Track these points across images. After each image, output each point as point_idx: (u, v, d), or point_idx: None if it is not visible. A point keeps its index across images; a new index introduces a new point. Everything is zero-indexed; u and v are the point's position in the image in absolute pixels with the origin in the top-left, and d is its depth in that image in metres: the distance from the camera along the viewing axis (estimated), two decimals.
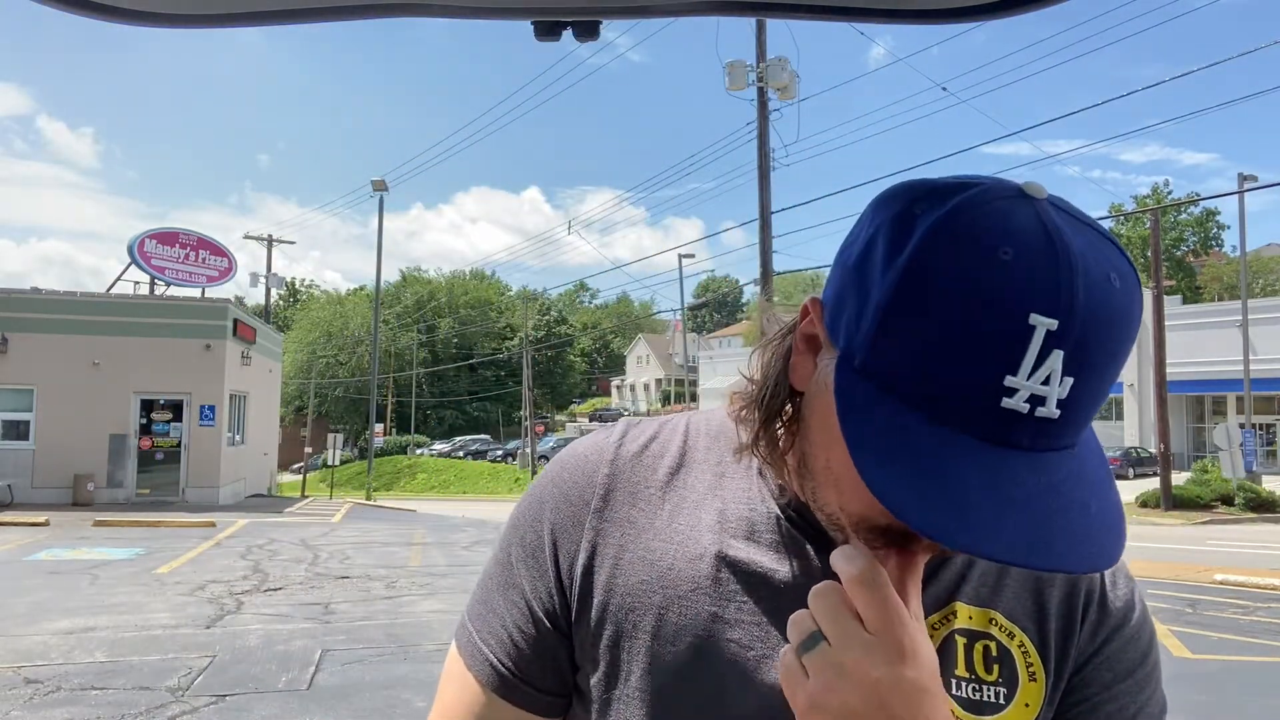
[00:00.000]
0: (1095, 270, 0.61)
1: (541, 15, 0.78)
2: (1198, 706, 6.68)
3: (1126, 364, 0.67)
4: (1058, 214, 0.63)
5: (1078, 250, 0.61)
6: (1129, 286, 0.62)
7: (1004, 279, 0.60)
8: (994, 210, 0.63)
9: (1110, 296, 0.61)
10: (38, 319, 21.84)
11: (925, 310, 0.61)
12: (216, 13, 0.81)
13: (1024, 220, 0.62)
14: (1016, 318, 0.59)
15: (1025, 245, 0.60)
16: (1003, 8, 0.78)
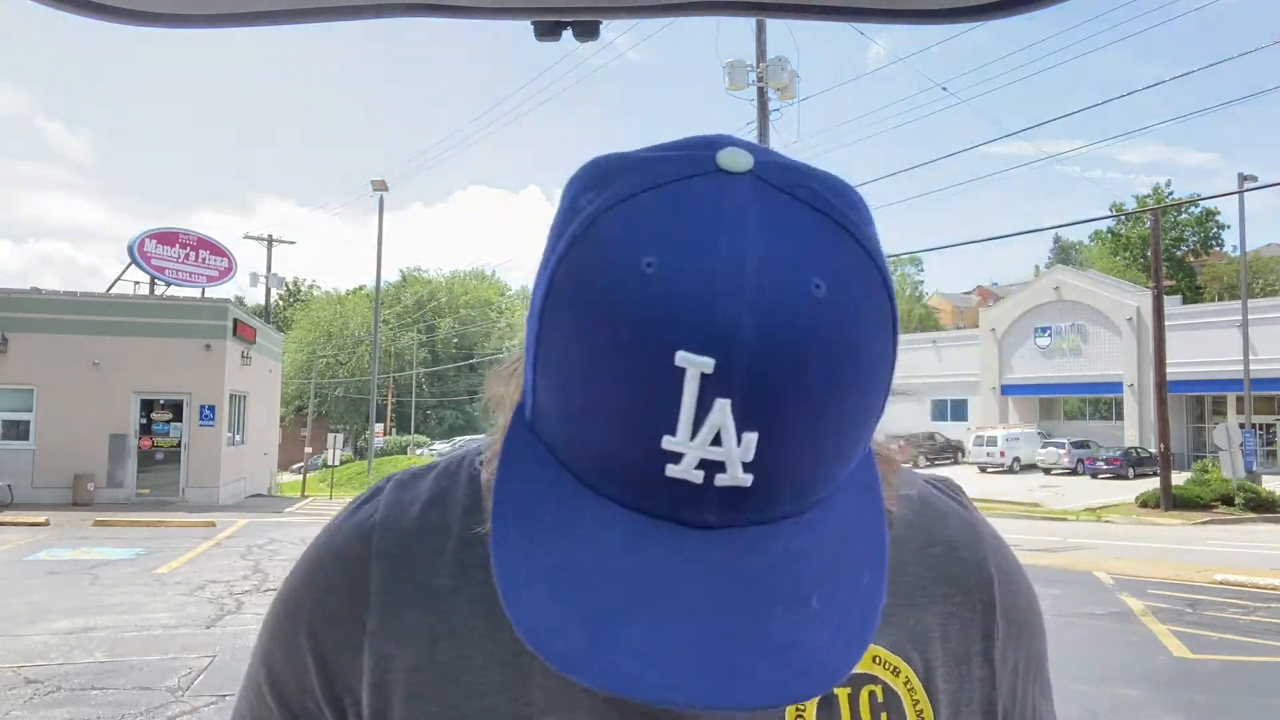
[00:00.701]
0: (781, 278, 0.45)
1: (541, 15, 0.78)
2: (1198, 706, 6.68)
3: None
4: (759, 193, 0.48)
5: (756, 250, 0.45)
6: (846, 295, 0.47)
7: (642, 302, 0.45)
8: (660, 198, 0.48)
9: (803, 314, 0.45)
10: (38, 319, 21.84)
11: (565, 348, 0.48)
12: (216, 13, 0.81)
13: (696, 209, 0.47)
14: (658, 357, 0.44)
15: (678, 249, 0.45)
16: (1003, 8, 0.78)
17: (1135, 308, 39.59)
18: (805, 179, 0.50)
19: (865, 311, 0.48)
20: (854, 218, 0.50)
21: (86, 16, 0.78)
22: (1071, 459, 37.55)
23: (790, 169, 0.51)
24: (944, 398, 48.78)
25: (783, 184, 0.49)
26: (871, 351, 0.48)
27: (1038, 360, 44.50)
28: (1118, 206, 66.28)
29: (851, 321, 0.47)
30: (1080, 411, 45.72)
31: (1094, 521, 24.10)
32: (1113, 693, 6.94)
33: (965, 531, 0.73)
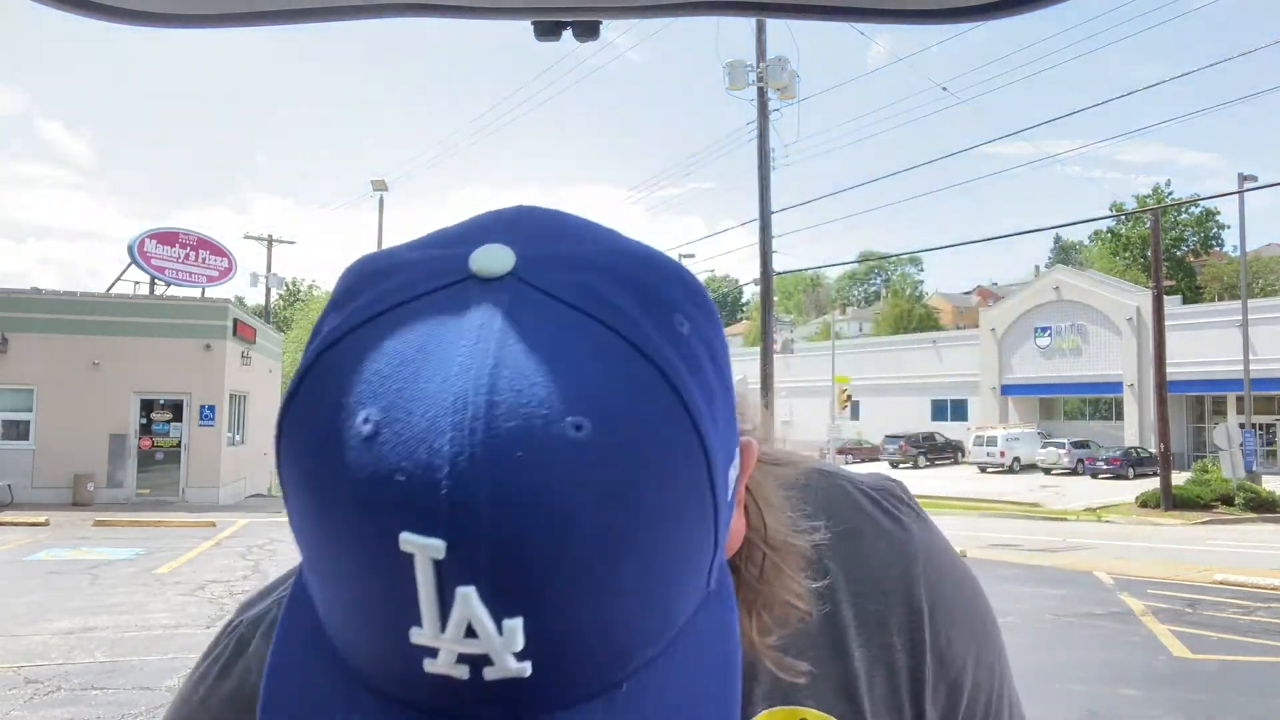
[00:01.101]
0: (524, 423, 0.35)
1: (541, 15, 0.78)
2: (1198, 706, 6.68)
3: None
4: (515, 304, 0.38)
5: (492, 391, 0.35)
6: (618, 430, 0.36)
7: (359, 473, 0.36)
8: (391, 326, 0.38)
9: (556, 466, 0.35)
10: (38, 319, 21.84)
11: (298, 514, 0.40)
12: (216, 13, 0.81)
13: (426, 341, 0.37)
14: (383, 541, 0.35)
15: (400, 400, 0.36)
16: (1003, 8, 0.78)
17: (1135, 308, 39.60)
18: (580, 273, 0.40)
19: (649, 446, 0.37)
20: (640, 318, 0.39)
21: (86, 16, 0.78)
22: (1071, 459, 37.56)
23: (562, 262, 0.41)
24: (944, 398, 48.79)
25: (549, 285, 0.39)
26: (664, 493, 0.37)
27: (1038, 360, 44.51)
28: (1117, 206, 66.26)
29: (628, 463, 0.36)
30: (1080, 411, 45.74)
31: (1094, 521, 24.11)
32: (1113, 693, 6.94)
33: (894, 559, 0.68)
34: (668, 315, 0.41)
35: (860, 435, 47.94)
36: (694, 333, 0.42)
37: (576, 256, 0.41)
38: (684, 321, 0.41)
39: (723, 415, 0.42)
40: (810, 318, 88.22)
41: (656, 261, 0.44)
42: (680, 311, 0.42)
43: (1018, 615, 9.92)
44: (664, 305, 0.41)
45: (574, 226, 0.46)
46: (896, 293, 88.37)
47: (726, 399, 0.43)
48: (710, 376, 0.42)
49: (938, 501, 29.78)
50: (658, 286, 0.42)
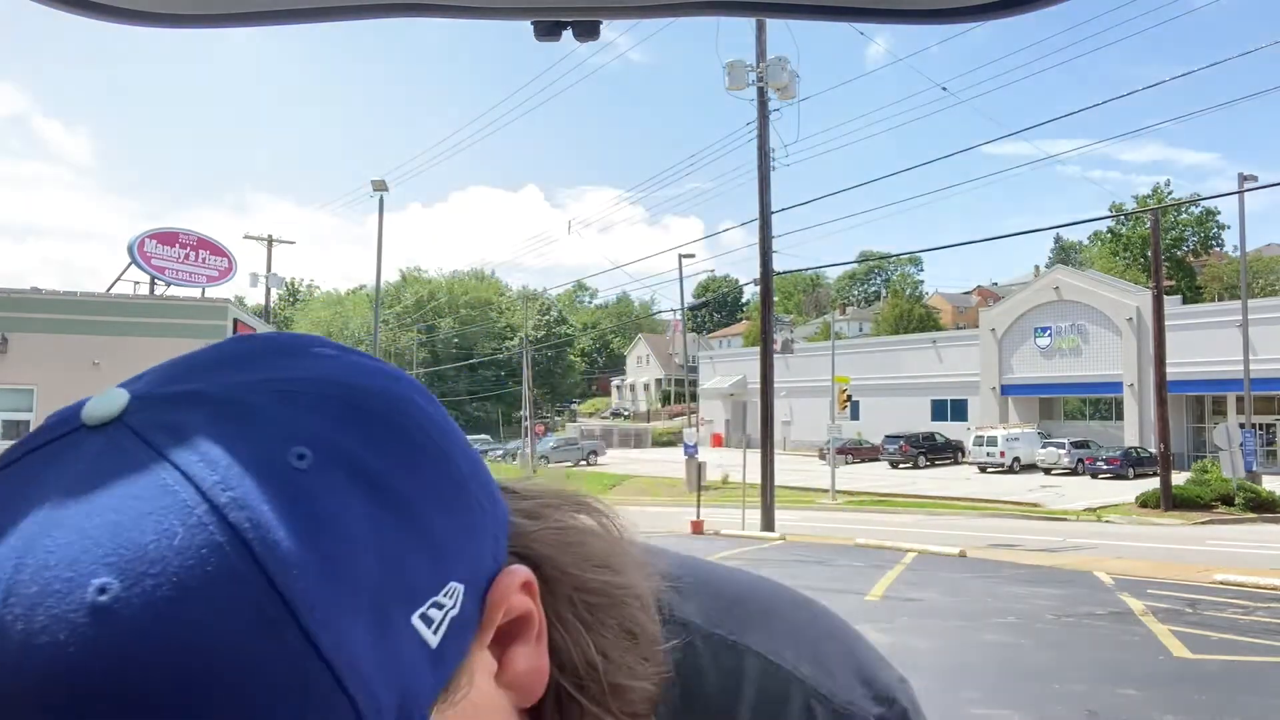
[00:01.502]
0: (42, 589, 0.32)
1: (541, 15, 0.78)
2: (1198, 706, 6.68)
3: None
4: (100, 458, 0.36)
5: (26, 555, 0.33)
6: (160, 588, 0.32)
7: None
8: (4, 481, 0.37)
9: (66, 635, 0.31)
10: (38, 319, 21.86)
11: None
12: (216, 13, 0.81)
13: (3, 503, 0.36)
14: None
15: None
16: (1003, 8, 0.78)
17: (1135, 308, 39.60)
18: (186, 410, 0.37)
19: (194, 609, 0.32)
20: (232, 456, 0.35)
21: (86, 16, 0.78)
22: (1071, 459, 37.56)
23: (178, 400, 0.38)
24: (944, 398, 48.79)
25: (146, 428, 0.37)
26: (226, 666, 0.32)
27: (1038, 360, 44.51)
28: (1117, 207, 66.30)
29: (168, 630, 0.31)
30: (1080, 411, 45.73)
31: (1094, 521, 24.11)
32: (1113, 693, 6.94)
33: None
34: (279, 450, 0.36)
35: (860, 435, 47.94)
36: (325, 465, 0.37)
37: (193, 395, 0.38)
38: (306, 455, 0.37)
39: (386, 558, 0.37)
40: (810, 318, 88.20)
41: (300, 387, 0.40)
42: (306, 442, 0.37)
43: (1018, 615, 9.92)
44: (277, 438, 0.37)
45: (241, 356, 0.42)
46: (896, 293, 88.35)
47: (405, 538, 0.38)
48: (348, 517, 0.36)
49: (938, 501, 29.78)
50: (281, 418, 0.38)
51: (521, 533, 0.49)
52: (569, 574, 0.50)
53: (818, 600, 0.65)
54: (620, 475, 40.90)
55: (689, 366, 61.10)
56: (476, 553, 0.43)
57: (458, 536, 0.41)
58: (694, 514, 20.45)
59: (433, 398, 0.46)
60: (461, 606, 0.41)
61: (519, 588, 0.45)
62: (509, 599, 0.44)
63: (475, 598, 0.42)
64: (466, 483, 0.43)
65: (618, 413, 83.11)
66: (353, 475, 0.37)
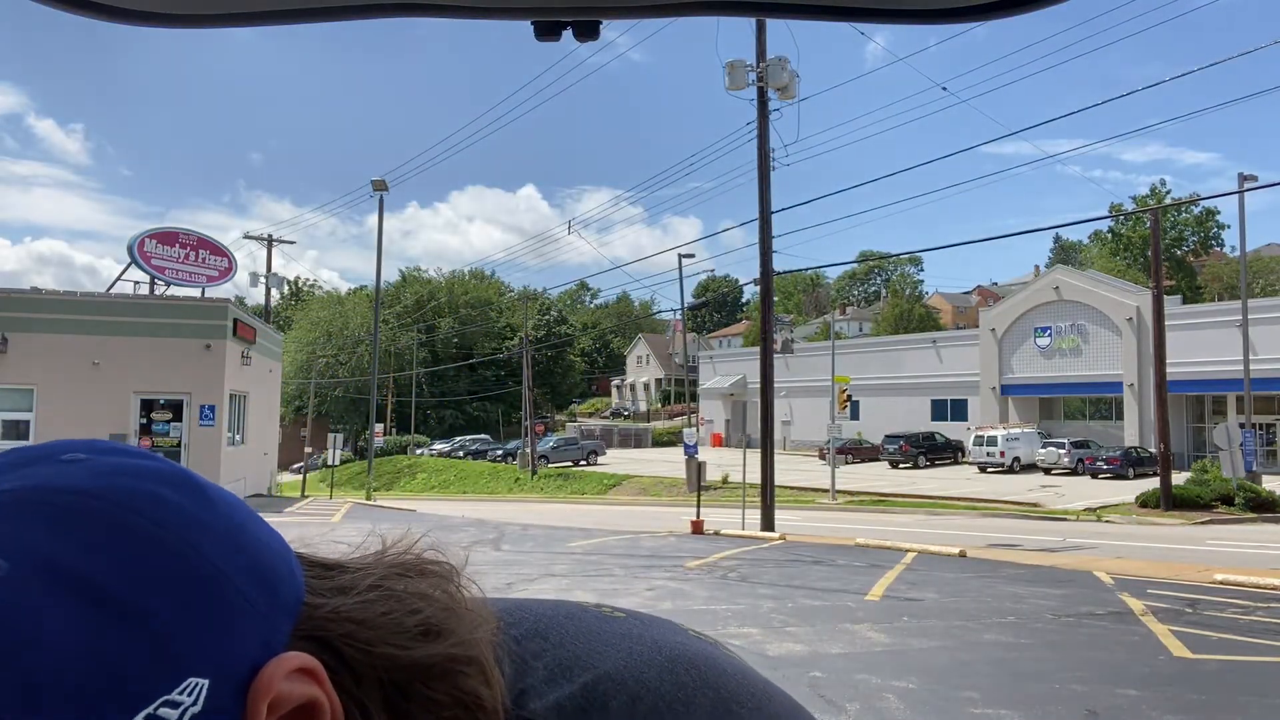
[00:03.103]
0: None
1: (541, 15, 0.78)
2: (1198, 706, 6.68)
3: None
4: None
5: None
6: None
7: None
8: None
9: None
10: (38, 319, 21.85)
11: None
12: (216, 13, 0.81)
13: None
14: None
15: None
16: (1003, 8, 0.78)
17: (1135, 308, 39.60)
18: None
19: None
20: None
21: (86, 16, 0.78)
22: (1071, 459, 37.56)
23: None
24: (944, 398, 48.79)
25: None
26: None
27: (1038, 360, 44.51)
28: (1116, 207, 66.27)
29: None
30: (1080, 411, 45.73)
31: (1094, 521, 24.11)
32: (1113, 693, 6.94)
33: None
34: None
35: (860, 435, 47.94)
36: (24, 571, 0.38)
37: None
38: (2, 564, 0.38)
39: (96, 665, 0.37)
40: (810, 318, 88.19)
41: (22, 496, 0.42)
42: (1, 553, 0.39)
43: (1018, 615, 9.92)
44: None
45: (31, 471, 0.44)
46: (896, 293, 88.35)
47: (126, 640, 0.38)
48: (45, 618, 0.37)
49: (937, 501, 29.78)
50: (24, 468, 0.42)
51: (316, 615, 0.47)
52: (376, 652, 0.47)
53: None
54: (620, 475, 40.87)
55: (689, 366, 61.10)
56: (228, 646, 0.41)
57: (198, 632, 0.40)
58: (694, 514, 20.46)
59: (200, 490, 0.46)
60: (204, 702, 0.39)
61: (289, 674, 0.43)
62: (273, 689, 0.42)
63: (229, 692, 0.41)
64: (216, 576, 0.42)
65: (618, 413, 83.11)
66: (55, 580, 0.38)
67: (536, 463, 45.70)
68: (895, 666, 7.45)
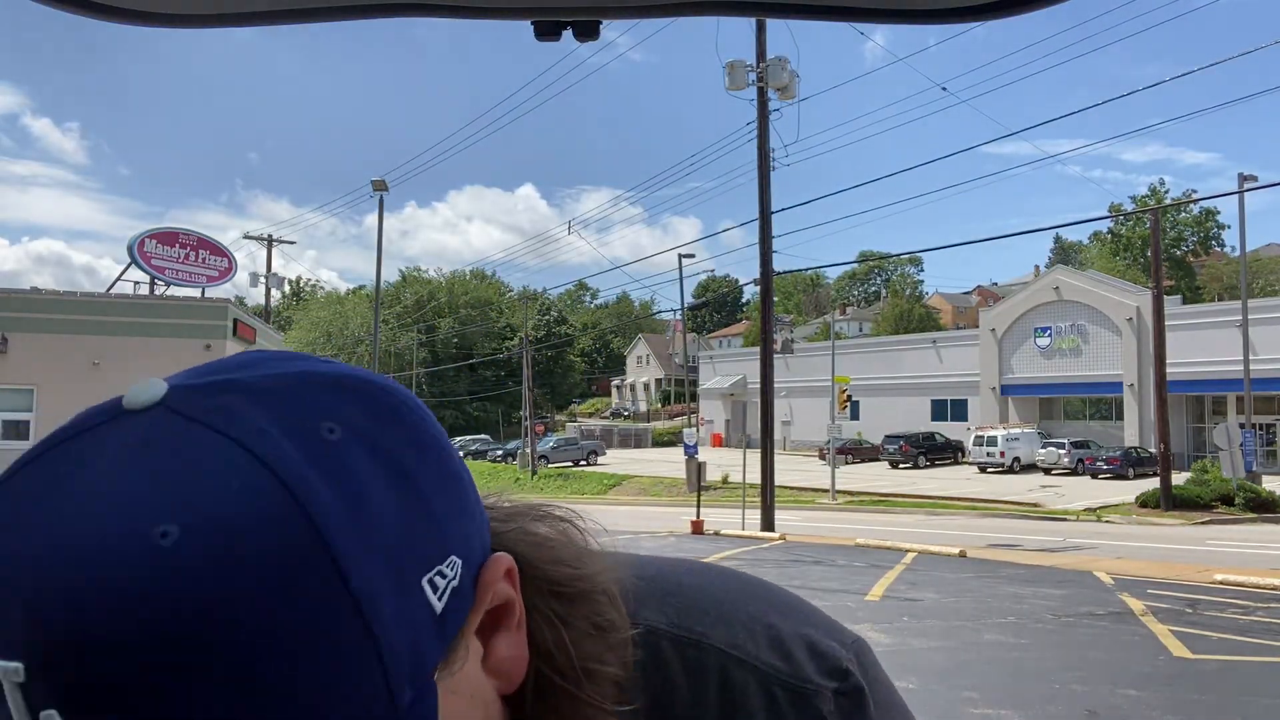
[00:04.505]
0: (110, 537, 0.36)
1: (541, 15, 0.78)
2: (1198, 706, 6.68)
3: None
4: (150, 430, 0.40)
5: (84, 512, 0.37)
6: (215, 537, 0.37)
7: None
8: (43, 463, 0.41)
9: (135, 577, 0.35)
10: (38, 319, 21.85)
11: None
12: (216, 13, 0.81)
13: (43, 475, 0.40)
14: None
15: (13, 535, 0.38)
16: (1003, 8, 0.78)
17: (1135, 308, 39.59)
18: (222, 396, 0.42)
19: (251, 554, 0.36)
20: (272, 428, 0.41)
21: (86, 16, 0.78)
22: (1071, 459, 37.55)
23: (210, 388, 0.43)
24: (944, 398, 48.78)
25: (187, 409, 0.41)
26: (276, 606, 0.36)
27: (1038, 360, 44.51)
28: (1116, 208, 66.30)
29: (225, 572, 0.36)
30: (1080, 411, 45.73)
31: (1094, 521, 24.10)
32: (1113, 693, 6.93)
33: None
34: (312, 424, 0.42)
35: (860, 435, 47.94)
36: (350, 440, 0.42)
37: (228, 381, 0.43)
38: (335, 429, 0.42)
39: (402, 523, 0.42)
40: (810, 318, 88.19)
41: (325, 378, 0.45)
42: (333, 420, 0.43)
43: (1018, 615, 9.92)
44: (310, 415, 0.42)
45: (263, 360, 0.47)
46: (896, 293, 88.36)
47: (414, 507, 0.43)
48: (372, 484, 0.41)
49: (938, 501, 29.78)
50: (311, 399, 0.43)
51: (497, 533, 0.53)
52: (541, 569, 0.54)
53: (814, 601, 0.67)
54: (620, 475, 40.86)
55: (689, 366, 61.09)
56: (469, 535, 0.47)
57: (454, 517, 0.46)
58: (694, 514, 20.45)
59: (422, 404, 0.50)
60: (460, 579, 0.45)
61: (504, 574, 0.49)
62: (496, 583, 0.48)
63: (470, 576, 0.46)
64: (460, 475, 0.48)
65: (618, 413, 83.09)
66: (371, 449, 0.43)
67: (536, 463, 45.70)
68: (895, 666, 7.45)
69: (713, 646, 0.60)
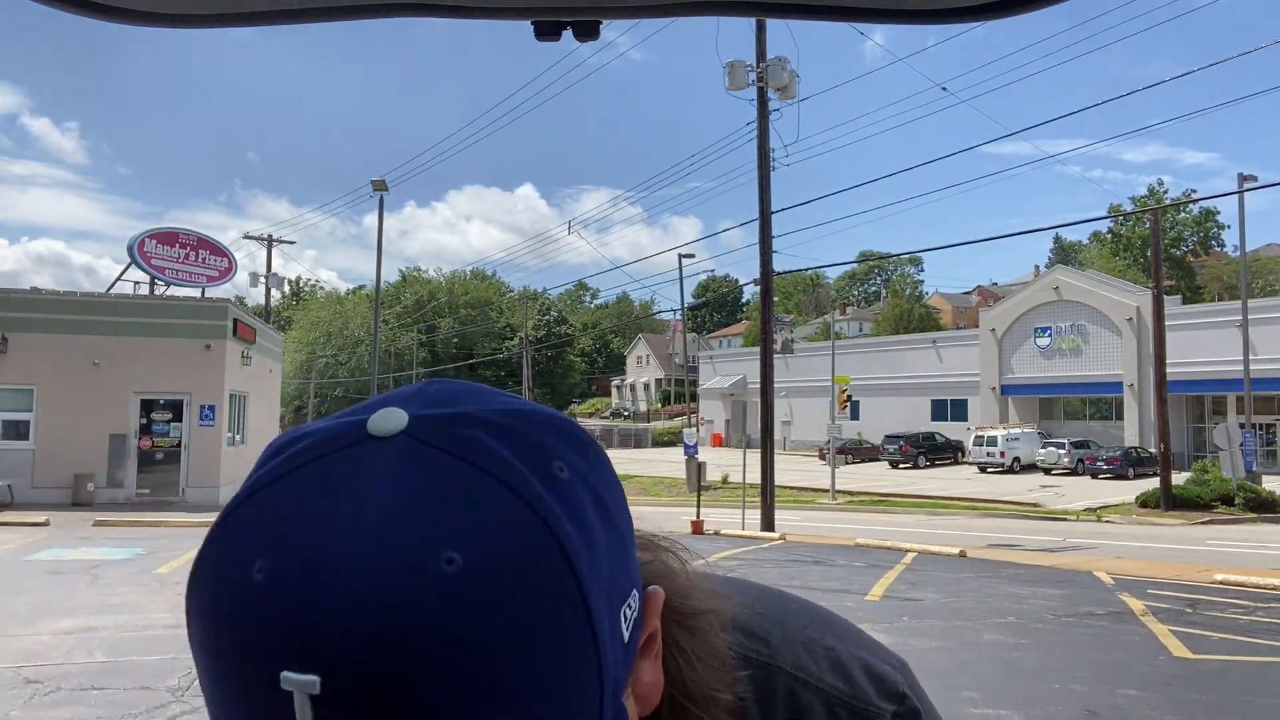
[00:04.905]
0: (399, 561, 0.39)
1: (541, 15, 0.78)
2: (1198, 706, 6.68)
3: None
4: (405, 458, 0.43)
5: (373, 535, 0.40)
6: (490, 566, 0.40)
7: (247, 616, 0.39)
8: (291, 486, 0.43)
9: (426, 600, 0.38)
10: (38, 319, 21.84)
11: (197, 662, 0.43)
12: (216, 13, 0.81)
13: (318, 497, 0.42)
14: (264, 678, 0.38)
15: (288, 550, 0.40)
16: (1003, 8, 0.78)
17: (1135, 308, 39.59)
18: (465, 428, 0.44)
19: (521, 581, 0.40)
20: (519, 464, 0.43)
21: (86, 16, 0.78)
22: (1071, 459, 37.56)
23: (450, 419, 0.45)
24: (944, 398, 48.78)
25: (435, 439, 0.44)
26: (538, 627, 0.40)
27: (1038, 360, 44.50)
28: (1115, 208, 66.27)
29: (500, 597, 0.39)
30: (1080, 411, 45.74)
31: (1094, 521, 24.10)
32: (1113, 693, 6.93)
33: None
34: (546, 462, 0.45)
35: (860, 435, 47.94)
36: (575, 479, 0.46)
37: (464, 414, 0.45)
38: (564, 468, 0.46)
39: (609, 557, 0.45)
40: (810, 318, 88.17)
41: (540, 416, 0.48)
42: (560, 459, 0.46)
43: (1018, 615, 9.93)
44: (543, 453, 0.45)
45: (468, 392, 0.49)
46: (896, 293, 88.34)
47: (615, 543, 0.47)
48: (593, 520, 0.45)
49: (938, 501, 29.78)
50: (539, 438, 0.46)
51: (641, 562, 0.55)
52: (672, 601, 0.57)
53: (819, 603, 0.70)
54: (620, 475, 40.49)
55: (689, 366, 61.08)
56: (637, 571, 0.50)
57: (633, 551, 0.49)
58: (694, 514, 20.45)
59: None
60: (638, 610, 0.48)
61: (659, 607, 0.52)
62: (657, 614, 0.51)
63: (639, 608, 0.49)
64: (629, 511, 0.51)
65: (618, 413, 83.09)
66: (588, 488, 0.46)
67: None
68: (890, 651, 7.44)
69: (780, 669, 0.63)
